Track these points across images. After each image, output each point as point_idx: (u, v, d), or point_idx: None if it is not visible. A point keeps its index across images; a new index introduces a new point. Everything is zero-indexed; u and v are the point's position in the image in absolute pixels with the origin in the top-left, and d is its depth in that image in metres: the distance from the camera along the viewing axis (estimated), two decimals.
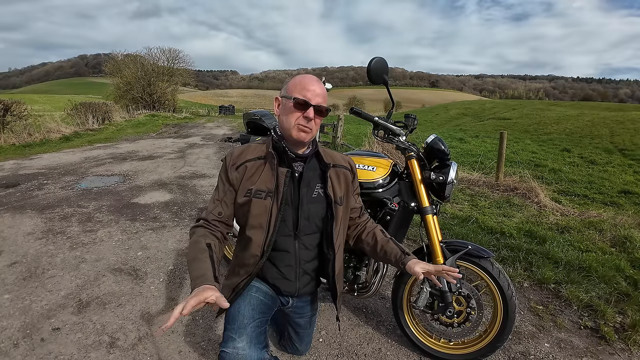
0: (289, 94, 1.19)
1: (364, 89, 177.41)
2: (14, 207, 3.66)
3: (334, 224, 1.25)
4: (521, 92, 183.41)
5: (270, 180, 1.19)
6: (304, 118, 1.17)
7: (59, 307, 1.95)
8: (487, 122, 19.48)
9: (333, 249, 1.26)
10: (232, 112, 36.51)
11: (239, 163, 1.21)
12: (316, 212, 1.25)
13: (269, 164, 1.21)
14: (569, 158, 8.94)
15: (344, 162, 1.35)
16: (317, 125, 1.21)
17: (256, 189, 1.18)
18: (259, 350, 1.11)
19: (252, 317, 1.16)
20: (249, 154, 1.23)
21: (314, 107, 1.17)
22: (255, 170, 1.21)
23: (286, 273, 1.27)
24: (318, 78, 1.26)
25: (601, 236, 3.16)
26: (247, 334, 1.11)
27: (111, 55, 26.40)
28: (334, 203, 1.25)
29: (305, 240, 1.26)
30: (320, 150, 1.31)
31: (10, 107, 9.45)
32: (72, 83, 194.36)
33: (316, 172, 1.28)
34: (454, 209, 3.90)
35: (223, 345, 1.10)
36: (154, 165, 6.17)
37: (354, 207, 1.39)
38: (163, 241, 2.89)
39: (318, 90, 1.19)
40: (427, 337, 1.66)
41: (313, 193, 1.25)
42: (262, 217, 1.18)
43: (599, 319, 1.99)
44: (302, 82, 1.19)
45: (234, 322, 1.14)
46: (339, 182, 1.30)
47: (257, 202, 1.18)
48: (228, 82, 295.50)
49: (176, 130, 13.19)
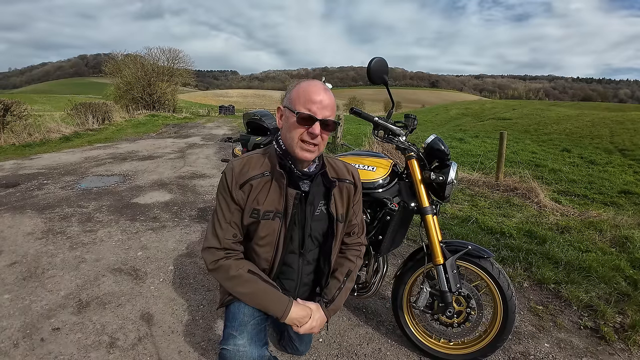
0: (292, 105, 1.08)
1: (364, 89, 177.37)
2: (14, 207, 3.66)
3: (333, 241, 1.24)
4: (521, 92, 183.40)
5: (278, 201, 1.12)
6: (309, 134, 1.06)
7: (58, 307, 1.94)
8: (487, 122, 19.47)
9: (329, 264, 1.27)
10: (232, 112, 36.53)
11: (243, 181, 1.11)
12: (318, 229, 1.23)
13: (277, 183, 1.12)
14: (569, 158, 8.95)
15: (348, 176, 1.27)
16: (324, 141, 1.12)
17: (264, 210, 1.12)
18: (259, 348, 1.11)
19: (252, 315, 1.16)
20: (252, 169, 1.13)
21: (320, 121, 1.06)
22: (261, 188, 1.12)
23: (287, 285, 1.27)
24: (322, 83, 1.14)
25: (601, 236, 3.16)
26: (248, 331, 1.11)
27: (111, 55, 26.36)
28: (336, 221, 1.22)
29: (308, 256, 1.26)
30: (326, 161, 1.23)
31: (10, 107, 9.44)
32: (72, 83, 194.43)
33: (320, 188, 1.21)
34: (454, 209, 3.90)
35: (223, 343, 1.10)
36: (154, 165, 6.17)
37: (352, 223, 1.32)
38: (163, 241, 2.89)
39: (326, 102, 1.07)
40: (427, 337, 1.66)
41: (316, 211, 1.21)
42: (270, 238, 1.15)
43: (599, 319, 1.99)
44: (307, 93, 1.07)
45: (235, 320, 1.14)
46: (342, 199, 1.25)
47: (266, 224, 1.12)
48: (228, 82, 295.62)
49: (176, 130, 13.19)
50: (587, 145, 11.74)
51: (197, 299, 2.07)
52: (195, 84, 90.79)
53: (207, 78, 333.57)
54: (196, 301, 2.05)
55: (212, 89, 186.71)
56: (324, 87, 1.11)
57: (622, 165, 8.42)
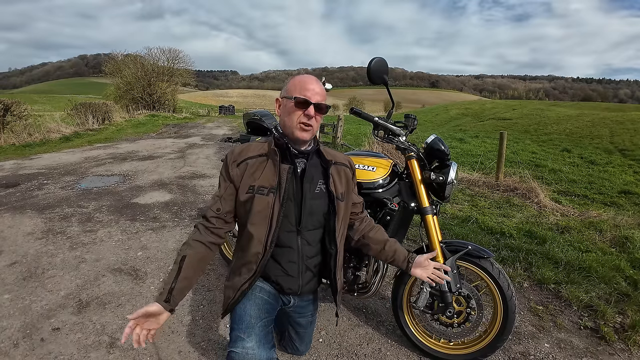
0: (289, 94, 1.22)
1: (364, 89, 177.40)
2: (14, 207, 3.66)
3: (336, 219, 1.27)
4: (521, 92, 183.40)
5: (272, 177, 1.21)
6: (305, 116, 1.20)
7: (58, 307, 1.94)
8: (487, 123, 19.48)
9: (335, 244, 1.28)
10: (232, 112, 36.53)
11: (240, 160, 1.22)
12: (319, 208, 1.27)
13: (272, 161, 1.23)
14: (569, 158, 8.95)
15: (344, 160, 1.38)
16: (317, 123, 1.25)
17: (259, 185, 1.19)
18: (268, 350, 1.12)
19: (259, 317, 1.17)
20: (251, 151, 1.25)
21: (314, 105, 1.20)
22: (257, 167, 1.22)
23: (289, 270, 1.27)
24: (317, 78, 1.30)
25: (601, 236, 3.16)
26: (256, 333, 1.12)
27: (111, 56, 26.33)
28: (336, 199, 1.27)
29: (308, 236, 1.27)
30: (322, 148, 1.34)
31: (10, 107, 9.45)
32: (72, 83, 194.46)
33: (318, 168, 1.30)
34: (454, 209, 3.90)
35: (232, 346, 1.10)
36: (154, 165, 6.17)
37: (356, 202, 1.42)
38: (163, 241, 2.89)
39: (317, 89, 1.22)
40: (427, 337, 1.66)
41: (316, 189, 1.27)
42: (264, 213, 1.18)
43: (599, 319, 1.99)
44: (302, 82, 1.23)
45: (242, 322, 1.15)
46: (340, 179, 1.33)
47: (260, 199, 1.19)
48: (228, 82, 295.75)
49: (176, 131, 13.19)
50: (587, 145, 11.74)
51: (197, 299, 2.07)
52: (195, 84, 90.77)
53: (207, 78, 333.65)
54: (196, 301, 2.05)
55: (212, 89, 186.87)
56: (316, 79, 1.27)
57: (622, 165, 8.42)
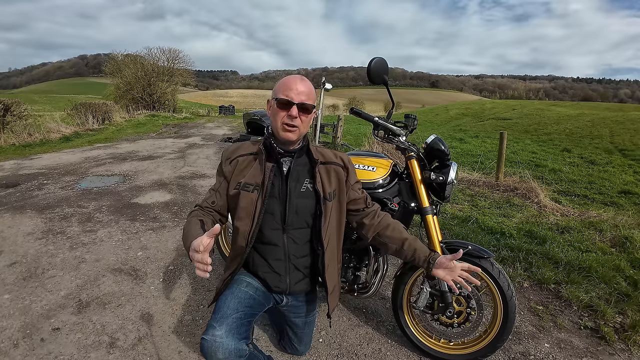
0: (274, 95, 1.26)
1: (364, 89, 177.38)
2: (14, 207, 3.66)
3: (322, 219, 1.27)
4: (521, 92, 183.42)
5: (258, 175, 1.27)
6: (288, 117, 1.22)
7: (58, 307, 1.94)
8: (487, 122, 19.46)
9: (322, 245, 1.29)
10: (232, 112, 36.48)
11: (232, 157, 1.31)
12: (305, 207, 1.28)
13: (259, 160, 1.29)
14: (569, 158, 8.93)
15: (336, 159, 1.38)
16: (304, 123, 1.26)
17: (245, 182, 1.26)
18: (237, 341, 1.11)
19: (236, 309, 1.18)
20: (242, 149, 1.32)
21: (298, 105, 1.22)
22: (246, 164, 1.29)
23: (275, 267, 1.30)
24: (300, 75, 1.31)
25: (601, 236, 3.16)
26: (228, 323, 1.13)
27: (111, 56, 26.33)
28: (323, 199, 1.28)
29: (295, 234, 1.29)
30: (311, 147, 1.35)
31: (10, 107, 9.44)
32: (72, 83, 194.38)
33: (305, 167, 1.32)
34: (454, 209, 3.90)
35: (204, 333, 1.12)
36: (154, 165, 6.17)
37: (356, 198, 1.38)
38: (163, 241, 2.89)
39: (301, 89, 1.23)
40: (427, 338, 1.66)
41: (302, 188, 1.29)
42: (248, 209, 1.24)
43: (599, 319, 1.99)
44: (286, 83, 1.25)
45: (218, 312, 1.17)
46: (329, 178, 1.33)
47: (245, 195, 1.25)
48: (228, 82, 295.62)
49: (176, 131, 13.18)
50: (587, 145, 11.72)
51: (197, 299, 2.07)
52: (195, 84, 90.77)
53: (207, 78, 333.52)
54: (196, 301, 2.05)
55: (212, 89, 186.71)
56: (301, 78, 1.27)
57: (622, 165, 8.41)
